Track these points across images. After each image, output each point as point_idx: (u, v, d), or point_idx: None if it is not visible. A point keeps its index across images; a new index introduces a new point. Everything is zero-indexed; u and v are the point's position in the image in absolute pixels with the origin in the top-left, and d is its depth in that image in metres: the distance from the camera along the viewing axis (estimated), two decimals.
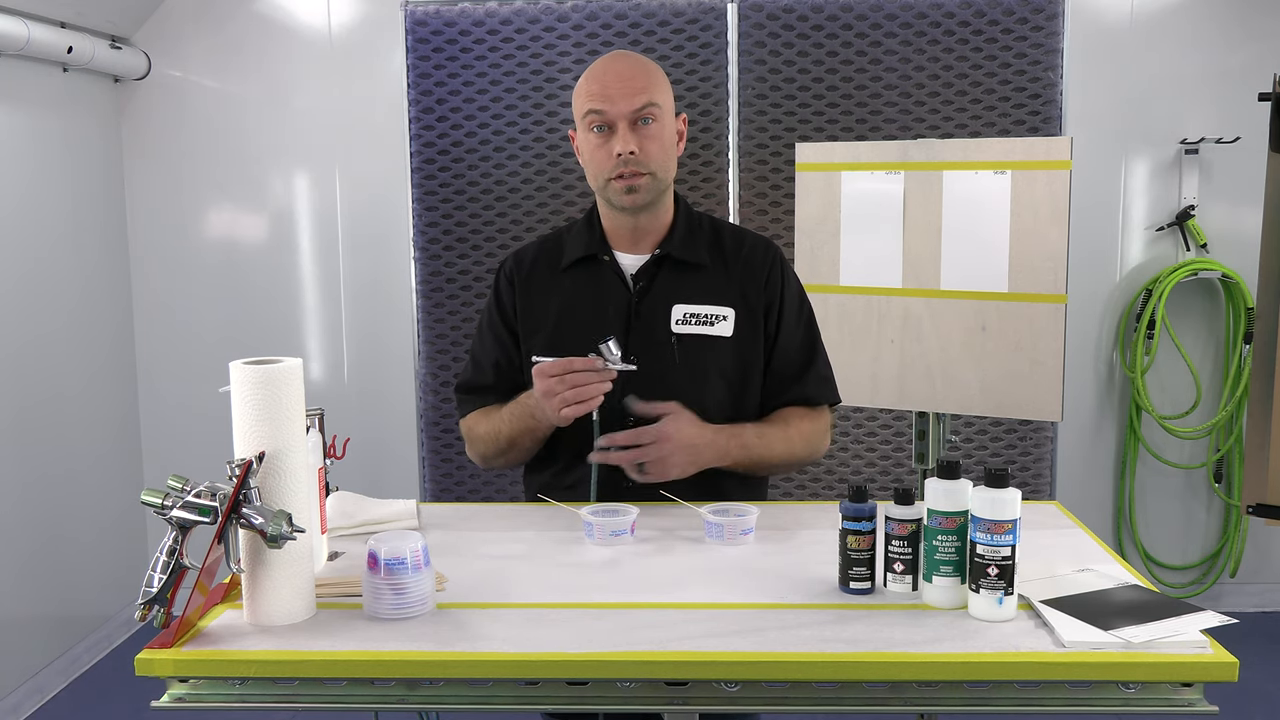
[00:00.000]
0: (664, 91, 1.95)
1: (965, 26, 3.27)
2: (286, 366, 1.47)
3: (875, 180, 2.29)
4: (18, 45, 3.37)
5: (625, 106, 1.89)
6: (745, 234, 2.07)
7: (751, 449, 1.95)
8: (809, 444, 2.02)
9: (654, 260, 1.99)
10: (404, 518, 1.90)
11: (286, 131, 4.12)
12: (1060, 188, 2.14)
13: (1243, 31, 3.96)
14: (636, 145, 1.90)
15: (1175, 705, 1.35)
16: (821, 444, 2.06)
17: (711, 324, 1.96)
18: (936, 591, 1.48)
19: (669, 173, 1.96)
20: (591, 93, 1.92)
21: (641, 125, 1.91)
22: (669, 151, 1.95)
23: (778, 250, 2.06)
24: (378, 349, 4.17)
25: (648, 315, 1.97)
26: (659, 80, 1.95)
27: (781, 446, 1.98)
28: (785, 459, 2.00)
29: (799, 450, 2.01)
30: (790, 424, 2.00)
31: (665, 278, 1.98)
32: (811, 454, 2.05)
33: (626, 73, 1.92)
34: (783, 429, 1.99)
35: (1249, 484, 2.22)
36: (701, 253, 1.99)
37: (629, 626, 1.44)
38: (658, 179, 1.93)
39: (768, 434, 1.98)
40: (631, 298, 1.98)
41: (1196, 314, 4.11)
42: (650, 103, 1.90)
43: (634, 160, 1.90)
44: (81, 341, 3.90)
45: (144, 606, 1.40)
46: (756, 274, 2.00)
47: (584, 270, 2.02)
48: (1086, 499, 4.15)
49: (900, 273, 2.19)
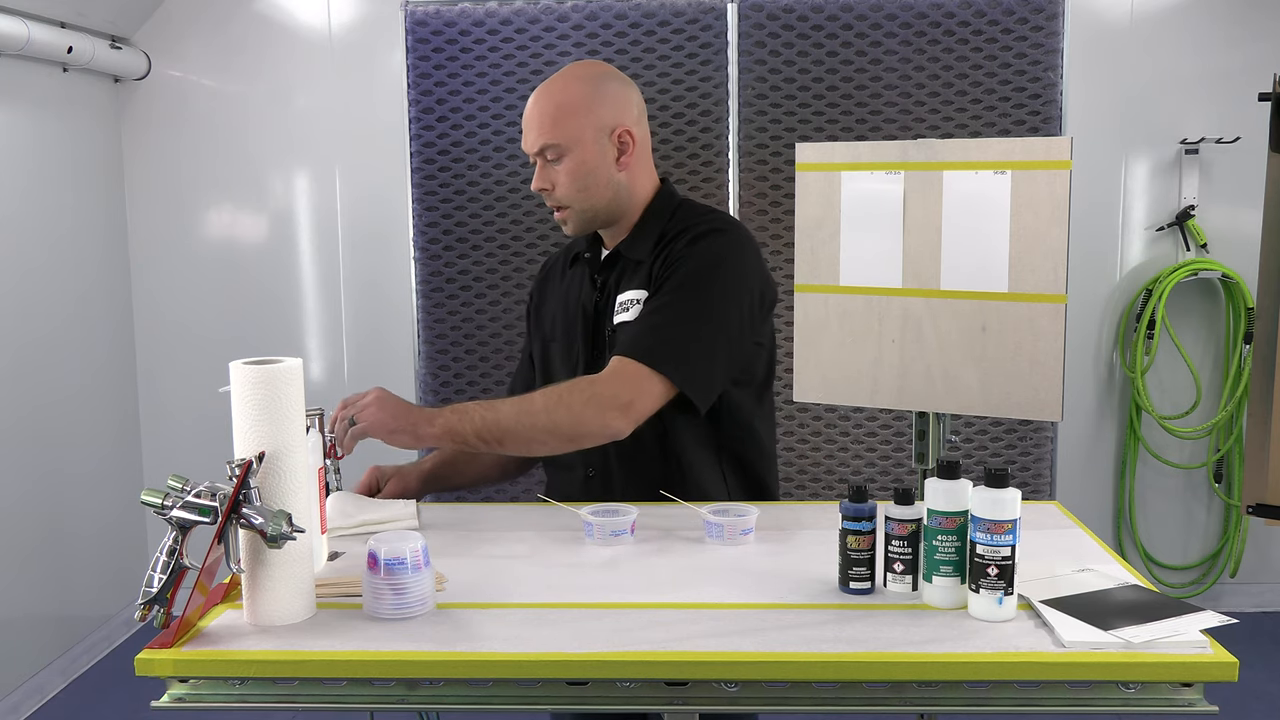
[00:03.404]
0: (574, 121, 1.94)
1: (965, 26, 3.27)
2: (286, 366, 1.47)
3: (875, 180, 2.29)
4: (18, 45, 3.37)
5: (530, 146, 1.97)
6: (693, 218, 2.03)
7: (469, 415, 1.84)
8: (562, 401, 1.83)
9: (609, 258, 2.05)
10: (404, 518, 1.90)
11: (286, 131, 4.12)
12: (1060, 188, 2.13)
13: (1243, 31, 3.96)
14: (547, 182, 1.97)
15: (1175, 705, 1.35)
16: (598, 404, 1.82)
17: (628, 310, 1.98)
18: (936, 591, 1.48)
19: (591, 198, 1.98)
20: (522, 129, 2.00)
21: (550, 162, 1.96)
22: (591, 180, 1.96)
23: (708, 226, 1.99)
24: (378, 349, 4.17)
25: (603, 311, 2.03)
26: (571, 112, 1.94)
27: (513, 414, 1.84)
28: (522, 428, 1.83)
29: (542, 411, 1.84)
30: (547, 389, 1.89)
31: (615, 274, 2.03)
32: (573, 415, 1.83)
33: (534, 113, 1.97)
34: (525, 396, 1.89)
35: (1249, 484, 2.22)
36: (645, 248, 2.00)
37: (629, 626, 1.44)
38: (579, 210, 1.98)
39: (500, 404, 1.87)
40: (595, 294, 2.05)
41: (1196, 314, 4.10)
42: (548, 144, 1.94)
43: (548, 195, 1.99)
44: (81, 341, 3.89)
45: (144, 606, 1.40)
46: (665, 250, 1.98)
47: (578, 268, 2.12)
48: (1086, 499, 4.15)
49: (900, 273, 2.19)
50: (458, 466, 2.13)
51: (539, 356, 2.16)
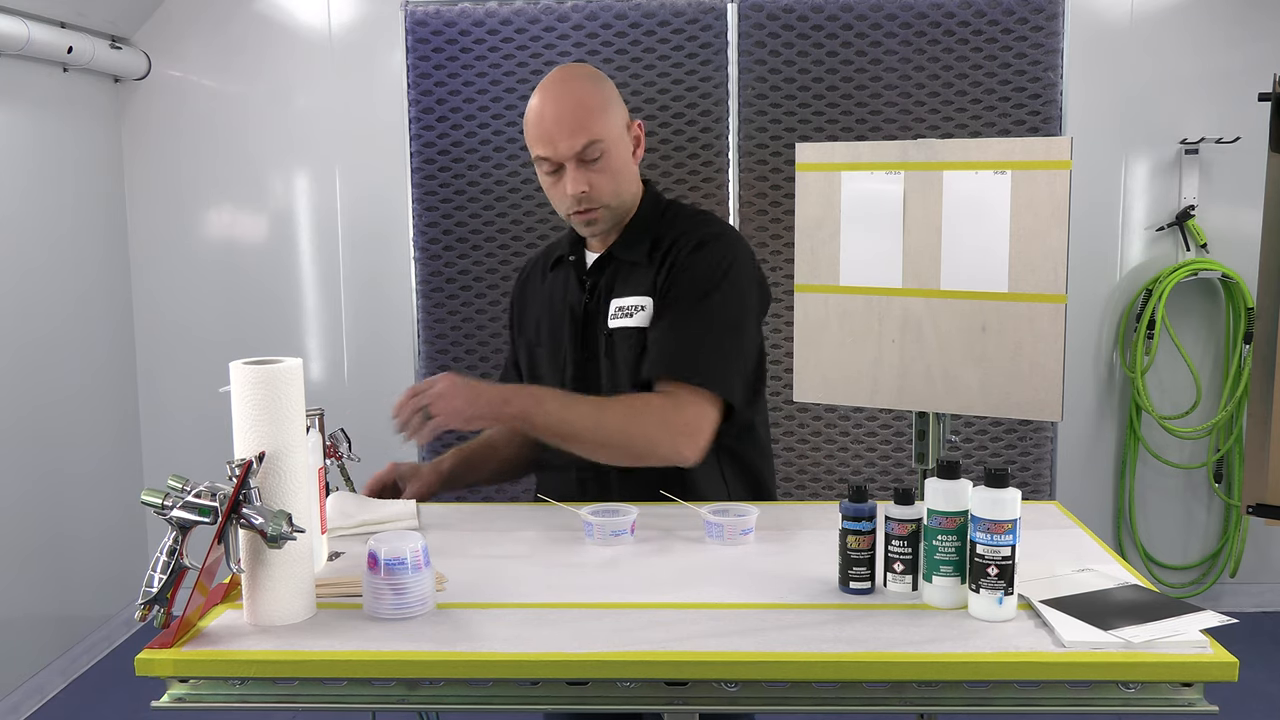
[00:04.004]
0: (605, 117, 1.92)
1: (965, 26, 3.27)
2: (286, 366, 1.47)
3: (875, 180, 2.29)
4: (18, 45, 3.37)
5: (567, 150, 1.89)
6: (687, 223, 2.03)
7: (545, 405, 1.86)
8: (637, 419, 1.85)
9: (601, 260, 2.02)
10: (404, 518, 1.90)
11: (286, 131, 4.12)
12: (1060, 188, 2.14)
13: (1243, 31, 3.96)
14: (587, 183, 1.91)
15: (1175, 705, 1.35)
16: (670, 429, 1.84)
17: (631, 315, 1.96)
18: (936, 591, 1.48)
19: (625, 195, 1.97)
20: (534, 137, 1.92)
21: (590, 163, 1.90)
22: (621, 177, 1.95)
23: (708, 232, 1.99)
24: (378, 349, 4.17)
25: (594, 314, 2.01)
26: (598, 108, 1.92)
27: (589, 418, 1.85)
28: (594, 434, 1.85)
29: (618, 424, 1.85)
30: (620, 400, 1.89)
31: (608, 276, 2.01)
32: (646, 436, 1.84)
33: (561, 113, 1.90)
34: (599, 402, 1.88)
35: (1249, 484, 2.22)
36: (642, 250, 1.99)
37: (629, 626, 1.44)
38: (613, 208, 1.96)
39: (575, 404, 1.88)
40: (584, 297, 2.02)
41: (1196, 314, 4.10)
42: (591, 141, 1.89)
43: (586, 198, 1.92)
44: (81, 342, 3.90)
45: (144, 606, 1.40)
46: (668, 256, 1.97)
47: (560, 272, 2.09)
48: (1086, 499, 4.15)
49: (900, 273, 2.19)
50: (474, 464, 2.11)
51: (525, 361, 2.14)
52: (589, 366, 1.99)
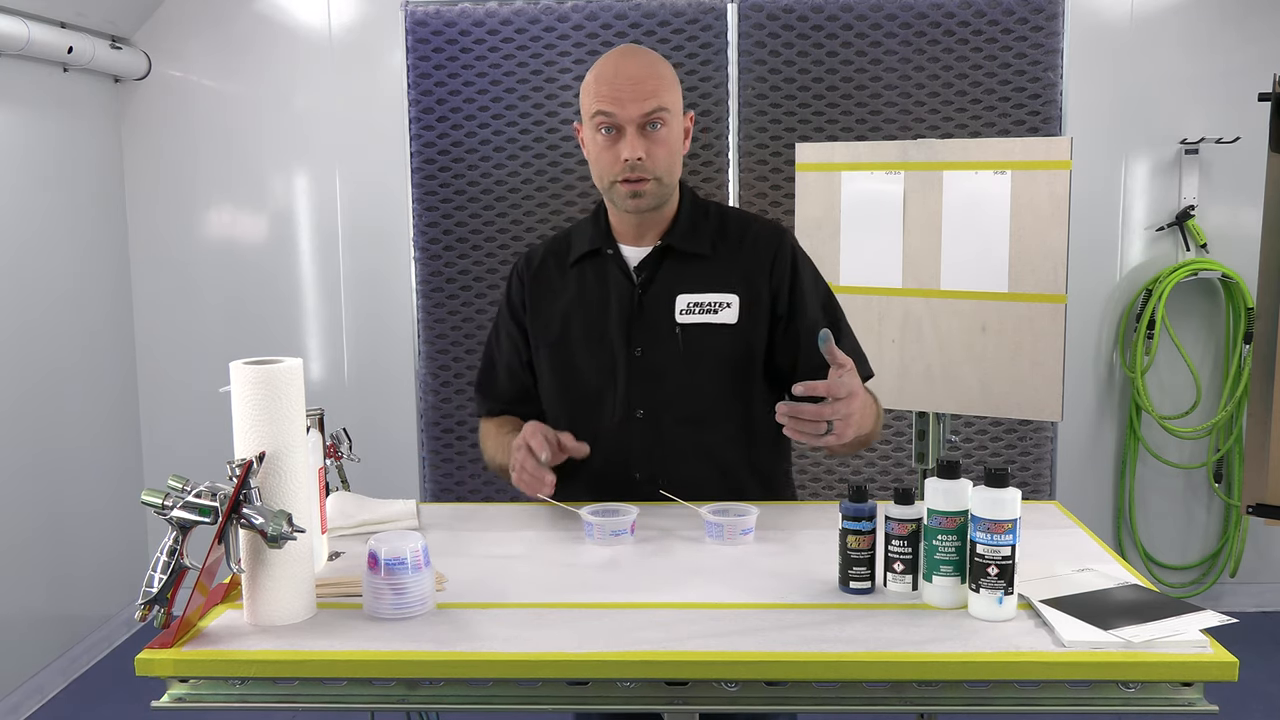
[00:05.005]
0: (673, 92, 1.92)
1: (965, 26, 3.27)
2: (286, 366, 1.47)
3: (875, 180, 2.30)
4: (18, 45, 3.37)
5: (635, 111, 1.86)
6: (751, 220, 2.05)
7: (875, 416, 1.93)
8: (878, 414, 1.96)
9: (657, 252, 1.98)
10: (404, 518, 1.90)
11: (286, 131, 4.12)
12: (1060, 188, 2.14)
13: (1242, 32, 3.96)
14: (645, 151, 1.87)
15: (1175, 705, 1.35)
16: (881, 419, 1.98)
17: (715, 311, 1.94)
18: (936, 591, 1.48)
19: (675, 175, 1.95)
20: (601, 94, 1.88)
21: (650, 130, 1.88)
22: (675, 154, 1.93)
23: (786, 234, 2.02)
24: (378, 349, 4.17)
25: (651, 307, 1.96)
26: (669, 81, 1.92)
27: (874, 417, 1.93)
28: (874, 430, 1.94)
29: (877, 423, 1.95)
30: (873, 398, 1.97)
31: (668, 269, 1.97)
32: (878, 429, 1.98)
33: (637, 75, 1.87)
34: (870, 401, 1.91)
35: (1249, 484, 2.22)
36: (704, 243, 1.97)
37: (629, 626, 1.44)
38: (663, 184, 1.91)
39: (869, 406, 1.89)
40: (635, 290, 1.97)
41: (1196, 314, 4.11)
42: (660, 107, 1.87)
43: (641, 166, 1.87)
44: (81, 342, 3.90)
45: (144, 606, 1.40)
46: (761, 259, 1.96)
47: (590, 265, 2.02)
48: (1086, 499, 4.15)
49: (900, 273, 2.19)
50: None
51: (548, 360, 2.03)
52: (648, 361, 1.94)
